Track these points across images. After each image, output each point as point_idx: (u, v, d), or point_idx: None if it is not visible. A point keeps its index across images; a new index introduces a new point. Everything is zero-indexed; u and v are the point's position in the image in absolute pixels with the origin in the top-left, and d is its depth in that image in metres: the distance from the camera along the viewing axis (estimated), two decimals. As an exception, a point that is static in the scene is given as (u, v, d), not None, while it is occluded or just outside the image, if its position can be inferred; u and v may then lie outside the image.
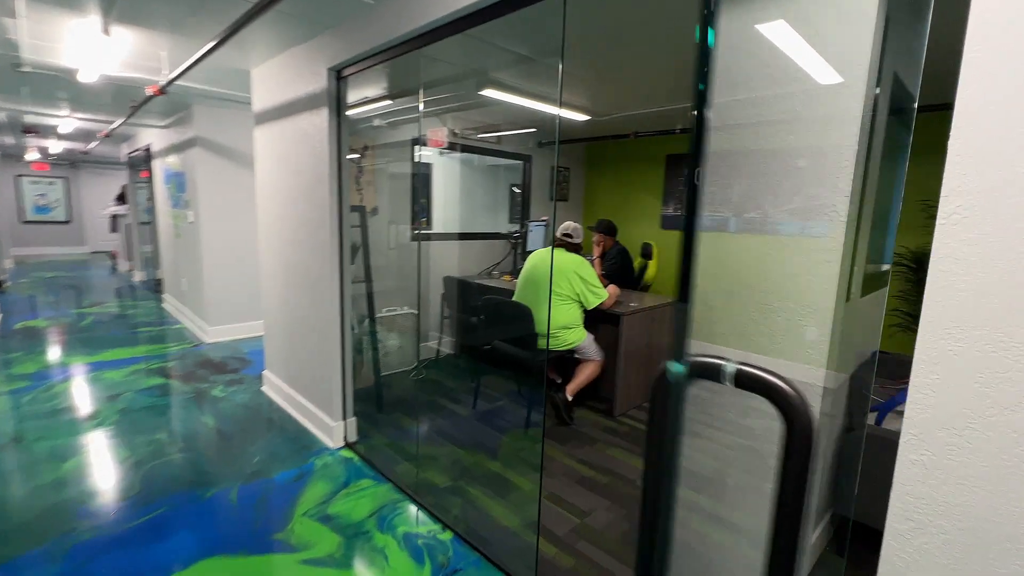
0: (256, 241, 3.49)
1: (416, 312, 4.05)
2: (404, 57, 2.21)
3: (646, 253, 4.42)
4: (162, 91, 3.13)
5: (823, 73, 2.86)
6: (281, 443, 2.77)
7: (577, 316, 3.16)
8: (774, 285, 4.38)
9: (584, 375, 3.21)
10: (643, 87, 3.39)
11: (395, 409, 3.31)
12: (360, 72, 2.41)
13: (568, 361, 3.31)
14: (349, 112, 2.66)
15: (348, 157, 2.63)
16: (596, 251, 4.24)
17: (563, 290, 3.08)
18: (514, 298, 3.28)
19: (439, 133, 4.33)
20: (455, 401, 3.48)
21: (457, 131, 4.34)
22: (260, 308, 3.56)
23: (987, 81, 0.79)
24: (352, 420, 2.80)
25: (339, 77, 2.50)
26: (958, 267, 0.86)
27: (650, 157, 5.07)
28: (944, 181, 0.89)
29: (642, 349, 3.43)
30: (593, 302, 3.12)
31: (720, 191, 4.97)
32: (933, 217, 3.07)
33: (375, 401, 3.25)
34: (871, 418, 2.12)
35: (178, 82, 3.36)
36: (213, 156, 4.48)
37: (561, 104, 3.78)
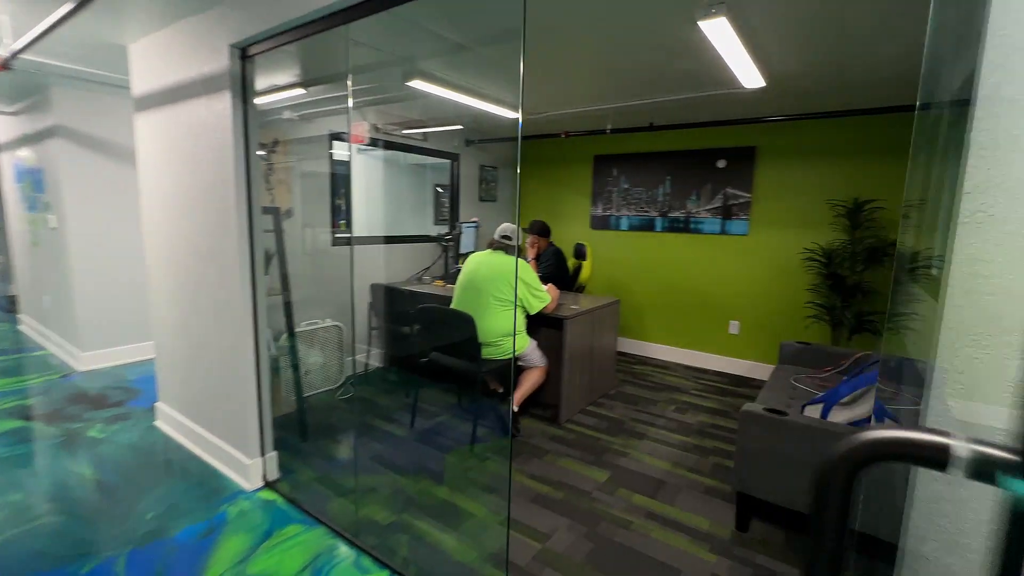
0: (142, 249, 2.95)
1: (340, 324, 3.68)
2: (323, 38, 1.92)
3: (580, 254, 4.39)
4: (5, 66, 2.52)
5: (750, 77, 2.97)
6: (183, 491, 2.33)
7: (520, 321, 3.01)
8: (698, 282, 4.52)
9: (529, 383, 3.08)
10: (576, 86, 3.33)
11: (322, 436, 2.95)
12: (270, 52, 2.06)
13: (509, 369, 3.15)
14: (258, 100, 2.29)
15: (257, 153, 2.26)
16: (531, 253, 4.13)
17: (505, 295, 2.92)
18: (452, 305, 3.06)
19: (360, 128, 3.99)
20: (390, 420, 3.18)
21: (379, 126, 4.02)
22: (149, 327, 3.01)
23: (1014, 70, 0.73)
24: (272, 455, 2.43)
25: (244, 56, 2.13)
26: (983, 269, 0.82)
27: (578, 157, 5.07)
28: (966, 177, 0.84)
29: (585, 352, 3.36)
30: (536, 307, 2.99)
31: (647, 191, 5.01)
32: (840, 215, 3.28)
33: (298, 429, 2.87)
34: (815, 411, 2.18)
35: (27, 56, 2.75)
36: (81, 149, 3.76)
37: (494, 100, 3.62)
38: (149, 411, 3.15)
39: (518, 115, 3.97)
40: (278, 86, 3.04)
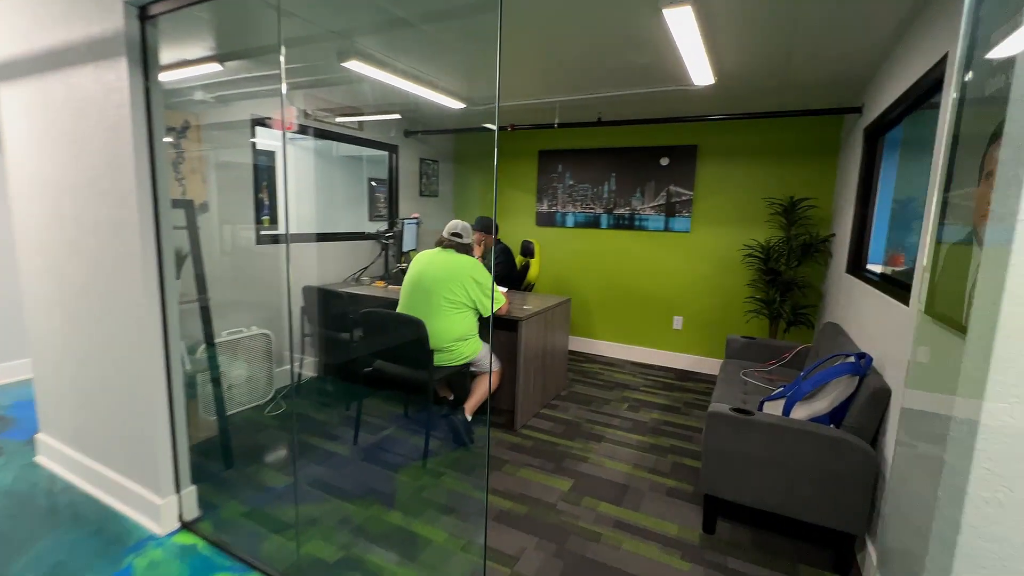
0: (13, 250, 2.43)
1: (268, 332, 3.29)
2: (244, 3, 1.62)
3: (528, 251, 4.27)
4: None
5: (701, 73, 2.97)
6: (75, 542, 1.92)
7: (473, 325, 2.82)
8: (643, 279, 4.55)
9: (482, 390, 2.90)
10: (526, 77, 3.18)
11: (251, 461, 2.60)
12: (177, 12, 1.72)
13: (461, 376, 2.96)
14: (166, 76, 1.93)
15: (164, 139, 1.90)
16: (477, 251, 3.94)
17: (457, 297, 2.72)
18: (399, 308, 2.81)
19: (288, 113, 3.59)
20: (330, 437, 2.88)
21: (309, 112, 3.65)
22: (25, 343, 2.49)
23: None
24: (190, 490, 2.08)
25: (144, 16, 1.77)
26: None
27: (523, 152, 4.94)
28: None
29: (539, 353, 3.24)
30: (490, 308, 2.82)
31: (592, 188, 4.94)
32: (777, 213, 3.34)
33: (221, 455, 2.50)
34: (775, 407, 2.19)
35: None
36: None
37: (438, 87, 3.38)
38: (27, 444, 2.62)
39: (439, 100, 3.76)
40: (189, 60, 2.62)
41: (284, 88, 2.36)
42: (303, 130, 3.65)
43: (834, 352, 2.31)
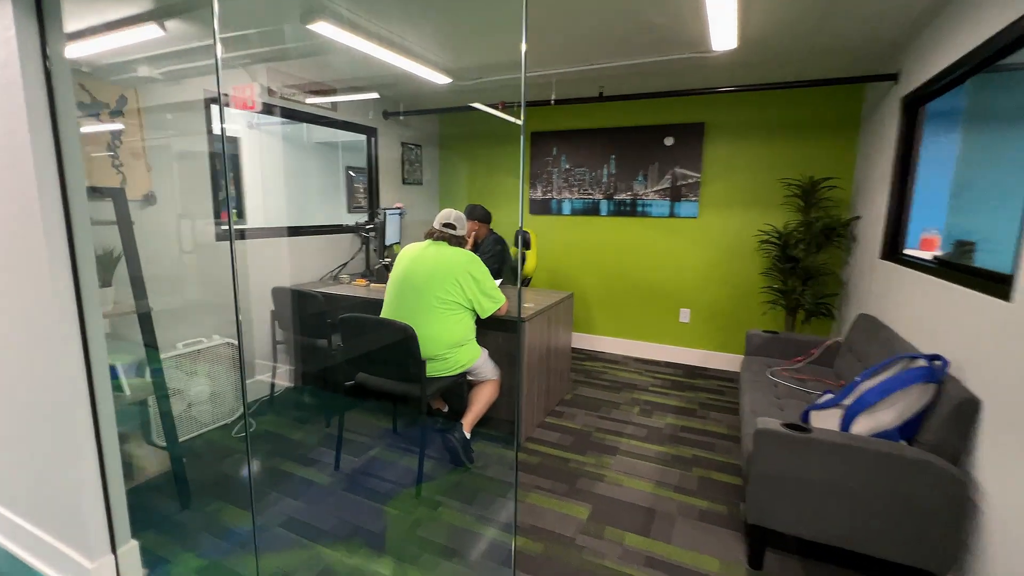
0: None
1: (231, 341, 2.88)
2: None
3: (524, 242, 3.91)
4: None
5: (725, 35, 2.61)
6: (-20, 622, 1.53)
7: (470, 329, 2.47)
8: (647, 269, 4.19)
9: (482, 401, 2.55)
10: (516, 47, 2.80)
11: (212, 498, 2.21)
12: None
13: (458, 386, 2.61)
14: (90, 41, 1.51)
15: (87, 113, 1.49)
16: (468, 242, 3.57)
17: (451, 296, 2.35)
18: (384, 311, 2.44)
19: (246, 91, 3.15)
20: (307, 462, 2.50)
21: (274, 89, 3.20)
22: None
23: None
24: (130, 547, 1.69)
25: (31, -56, 1.34)
26: None
27: (514, 134, 4.55)
28: None
29: (542, 356, 2.89)
30: (489, 309, 2.46)
31: (591, 172, 4.50)
32: (794, 195, 2.96)
33: (175, 493, 2.11)
34: (828, 420, 1.88)
35: None
36: None
37: (420, 57, 2.97)
38: (-60, 486, 2.19)
39: (424, 75, 3.36)
40: (117, 20, 2.18)
41: (219, 51, 1.93)
42: (268, 110, 3.21)
43: (894, 353, 2.01)
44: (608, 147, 4.18)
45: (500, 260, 3.47)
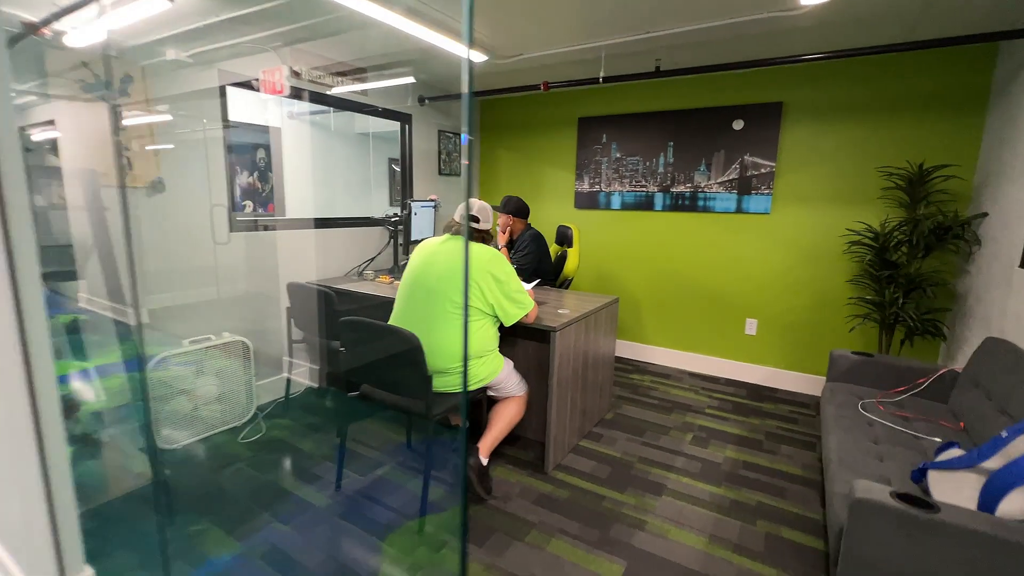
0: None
1: (245, 340, 2.71)
2: None
3: (564, 239, 3.51)
4: None
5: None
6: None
7: (490, 338, 2.12)
8: (707, 272, 3.61)
9: (504, 421, 2.20)
10: (557, 14, 2.41)
11: (198, 516, 2.00)
12: None
13: (476, 403, 2.27)
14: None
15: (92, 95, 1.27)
16: (502, 238, 3.24)
17: (471, 300, 2.01)
18: (393, 316, 2.14)
19: (275, 74, 2.96)
20: (309, 478, 2.26)
21: (300, 71, 3.00)
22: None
23: None
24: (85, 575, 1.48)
25: None
26: None
27: (558, 120, 4.15)
28: None
29: (578, 370, 2.50)
30: (514, 315, 2.10)
31: (645, 161, 3.87)
32: (894, 186, 2.19)
33: (154, 508, 1.92)
34: (952, 486, 1.38)
35: None
36: None
37: (457, 33, 2.65)
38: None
39: (485, 56, 3.03)
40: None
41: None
42: (295, 94, 3.01)
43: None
44: (666, 133, 3.69)
45: (536, 259, 3.11)
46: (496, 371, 2.15)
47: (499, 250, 3.23)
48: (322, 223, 3.29)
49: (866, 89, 3.00)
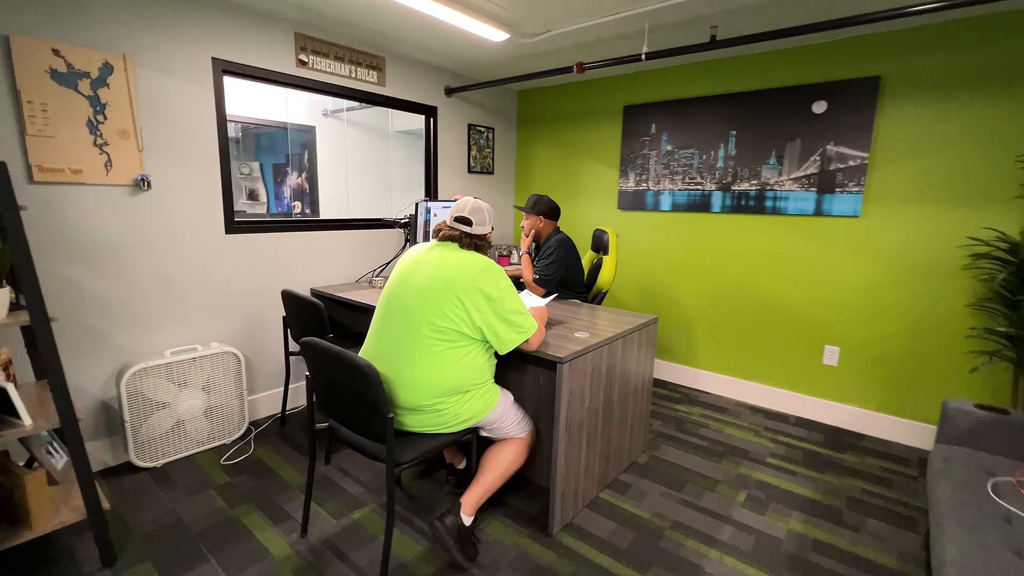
0: None
1: (235, 351, 2.49)
2: None
3: (600, 245, 3.04)
4: None
5: None
6: None
7: (479, 369, 1.72)
8: (776, 287, 2.89)
9: (496, 471, 1.80)
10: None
11: (144, 556, 1.76)
12: None
13: (469, 446, 1.88)
14: None
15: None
16: (525, 243, 2.83)
17: (451, 323, 1.63)
18: (368, 337, 1.80)
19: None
20: (279, 516, 1.97)
21: (305, 59, 2.76)
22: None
23: None
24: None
25: None
26: None
27: (601, 109, 3.67)
28: None
29: (596, 409, 2.04)
30: (510, 341, 1.69)
31: (700, 154, 3.27)
32: None
33: (97, 546, 1.70)
34: None
35: None
36: None
37: (484, 13, 2.29)
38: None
39: (506, 34, 2.64)
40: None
41: None
42: (298, 83, 2.77)
43: None
44: (727, 120, 3.11)
45: (562, 268, 2.67)
46: (487, 408, 1.75)
47: (521, 256, 2.82)
48: (330, 225, 3.04)
49: (999, 52, 2.28)
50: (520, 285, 2.76)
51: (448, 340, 1.63)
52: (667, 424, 2.86)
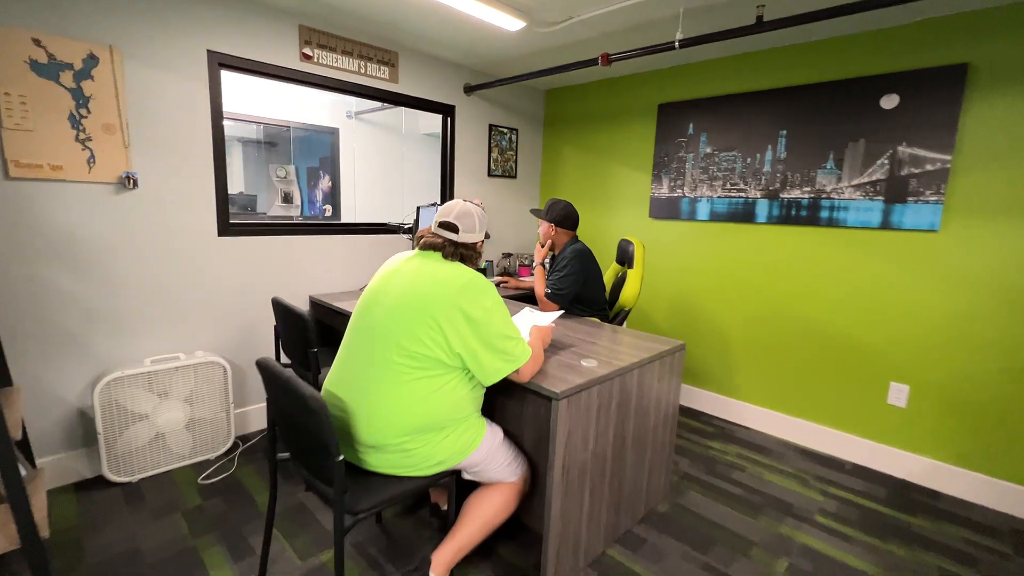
0: None
1: (222, 361, 2.34)
2: None
3: (626, 257, 2.72)
4: None
5: None
6: None
7: (461, 401, 1.45)
8: (833, 311, 2.50)
9: (477, 522, 1.53)
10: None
11: (90, 586, 1.60)
12: None
13: (447, 491, 1.62)
14: None
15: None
16: (539, 254, 2.55)
17: (423, 347, 1.37)
18: (334, 364, 1.56)
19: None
20: (241, 552, 1.77)
21: (310, 53, 2.61)
22: None
23: None
24: None
25: None
26: None
27: (636, 108, 3.35)
28: None
29: (604, 452, 1.73)
30: (496, 371, 1.43)
31: (744, 156, 2.89)
32: None
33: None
34: None
35: None
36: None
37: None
38: None
39: (522, 22, 2.39)
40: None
41: None
42: (302, 79, 2.62)
43: None
44: (776, 118, 2.73)
45: (577, 282, 2.37)
46: (469, 448, 1.48)
47: (532, 268, 2.55)
48: (333, 229, 2.87)
49: None
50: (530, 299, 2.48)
51: (421, 368, 1.38)
52: (696, 464, 2.50)
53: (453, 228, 1.53)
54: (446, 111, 3.29)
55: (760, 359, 2.91)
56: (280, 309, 2.26)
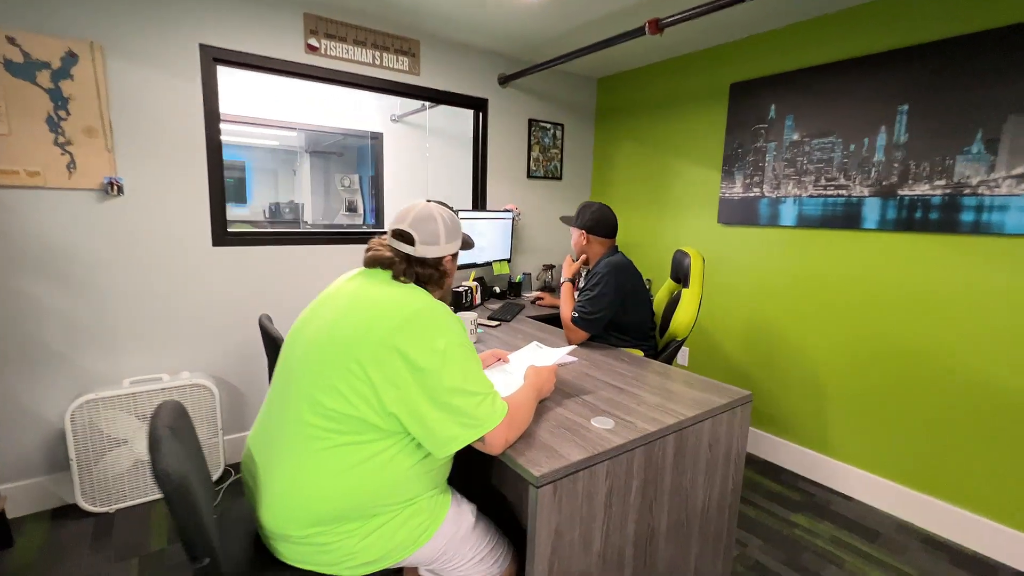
0: None
1: (208, 384, 2.13)
2: None
3: (680, 273, 2.17)
4: None
5: None
6: None
7: (400, 479, 1.04)
8: (972, 348, 1.69)
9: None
10: None
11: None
12: None
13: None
14: None
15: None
16: (568, 268, 2.10)
17: (345, 404, 0.98)
18: (258, 416, 1.22)
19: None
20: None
21: (316, 44, 2.36)
22: None
23: None
24: None
25: None
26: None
27: (700, 91, 2.78)
28: None
29: (616, 554, 1.23)
30: (449, 440, 1.00)
31: (845, 144, 2.36)
32: None
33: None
34: None
35: None
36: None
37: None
38: None
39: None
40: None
41: None
42: (309, 74, 2.38)
43: None
44: (892, 91, 2.05)
45: (612, 303, 1.89)
46: (419, 540, 1.07)
47: (560, 285, 2.09)
48: (340, 238, 2.60)
49: None
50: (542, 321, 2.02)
51: (340, 432, 0.99)
52: (771, 546, 1.88)
53: (407, 238, 1.13)
54: (477, 105, 2.93)
55: (869, 408, 2.21)
56: (262, 329, 1.99)
